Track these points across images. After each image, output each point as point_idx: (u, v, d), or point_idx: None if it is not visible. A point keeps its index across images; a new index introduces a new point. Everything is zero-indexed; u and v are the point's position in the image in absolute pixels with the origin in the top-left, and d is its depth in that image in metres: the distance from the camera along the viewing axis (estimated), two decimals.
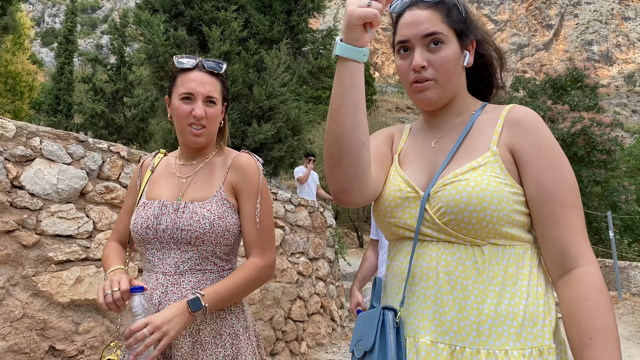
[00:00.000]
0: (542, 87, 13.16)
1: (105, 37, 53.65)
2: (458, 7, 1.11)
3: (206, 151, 1.62)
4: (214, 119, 1.54)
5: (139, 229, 1.49)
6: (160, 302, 1.43)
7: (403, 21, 1.11)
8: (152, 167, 1.67)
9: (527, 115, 1.04)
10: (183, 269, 1.45)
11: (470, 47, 1.14)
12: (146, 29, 6.82)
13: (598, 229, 12.35)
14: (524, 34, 49.76)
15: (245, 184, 1.54)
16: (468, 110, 1.17)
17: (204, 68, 1.53)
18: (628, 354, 5.31)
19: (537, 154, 1.00)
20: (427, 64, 1.07)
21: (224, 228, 1.48)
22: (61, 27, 19.00)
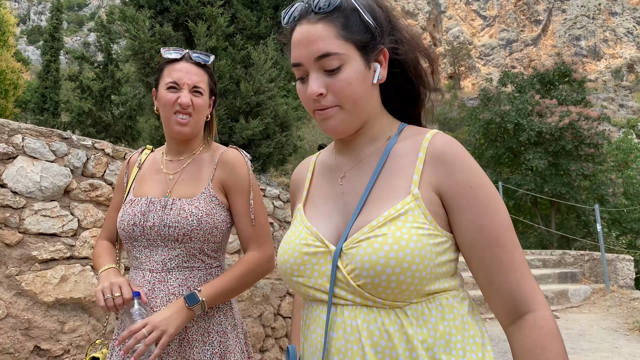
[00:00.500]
0: (530, 82, 13.24)
1: (92, 34, 53.20)
2: (360, 12, 0.90)
3: (193, 146, 1.60)
4: (201, 109, 1.52)
5: (125, 226, 1.47)
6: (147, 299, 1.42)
7: (294, 39, 0.92)
8: (139, 164, 1.65)
9: (451, 148, 0.89)
10: (170, 266, 1.44)
11: (381, 57, 0.93)
12: (131, 25, 6.76)
13: (586, 223, 12.47)
14: (513, 30, 50.02)
15: (234, 180, 1.53)
16: (384, 134, 0.98)
17: (190, 59, 1.52)
18: (615, 346, 5.36)
19: (470, 194, 0.87)
20: (326, 90, 0.89)
21: (212, 225, 1.46)
22: (47, 25, 18.79)
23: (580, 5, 48.76)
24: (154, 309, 1.42)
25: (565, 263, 8.90)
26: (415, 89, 1.00)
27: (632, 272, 8.43)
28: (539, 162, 11.30)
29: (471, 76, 48.71)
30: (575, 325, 6.41)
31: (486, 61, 49.81)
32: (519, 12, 50.15)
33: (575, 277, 8.39)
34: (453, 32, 50.24)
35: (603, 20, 48.30)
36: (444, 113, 25.93)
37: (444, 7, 51.53)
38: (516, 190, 11.82)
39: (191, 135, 1.55)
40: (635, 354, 5.03)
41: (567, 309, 7.33)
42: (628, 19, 47.97)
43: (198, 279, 1.46)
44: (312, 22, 0.89)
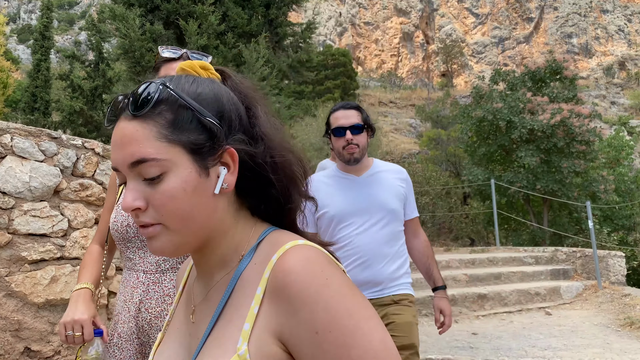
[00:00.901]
0: (521, 80, 13.27)
1: (83, 33, 52.84)
2: (191, 106, 0.69)
3: None
4: None
5: (119, 227, 1.46)
6: (142, 301, 1.42)
7: (112, 139, 0.71)
8: None
9: (297, 277, 0.63)
10: (164, 267, 1.43)
11: (227, 160, 0.71)
12: (121, 24, 6.72)
13: (578, 219, 12.53)
14: (505, 27, 50.19)
15: None
16: (237, 253, 0.74)
17: (188, 59, 1.49)
18: (607, 342, 5.39)
19: (314, 342, 0.62)
20: (145, 203, 0.68)
21: None
22: (37, 24, 18.64)
23: (571, 3, 49.00)
24: (149, 310, 1.41)
25: (558, 260, 8.95)
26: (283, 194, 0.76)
27: (624, 268, 8.49)
28: (531, 159, 11.35)
29: (464, 74, 48.84)
30: (567, 321, 6.45)
31: (479, 59, 49.96)
32: (511, 10, 50.33)
33: (567, 274, 8.44)
34: (445, 30, 50.34)
35: (594, 18, 48.57)
36: (437, 111, 25.97)
37: (437, 5, 51.61)
38: (508, 188, 11.86)
39: None
40: (627, 349, 5.07)
41: (559, 305, 7.38)
42: (619, 17, 48.27)
43: None
44: (128, 118, 0.68)
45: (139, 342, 1.42)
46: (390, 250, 2.23)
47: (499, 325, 6.35)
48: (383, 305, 2.20)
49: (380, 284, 2.19)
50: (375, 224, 2.22)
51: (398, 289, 2.23)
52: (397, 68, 49.96)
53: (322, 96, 26.19)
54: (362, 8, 51.75)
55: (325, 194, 2.28)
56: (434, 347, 5.21)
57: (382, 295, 2.20)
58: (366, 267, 2.17)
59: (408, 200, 2.36)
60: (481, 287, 7.52)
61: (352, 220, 2.22)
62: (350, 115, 2.26)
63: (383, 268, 2.19)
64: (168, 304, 1.42)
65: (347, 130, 2.23)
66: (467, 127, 13.15)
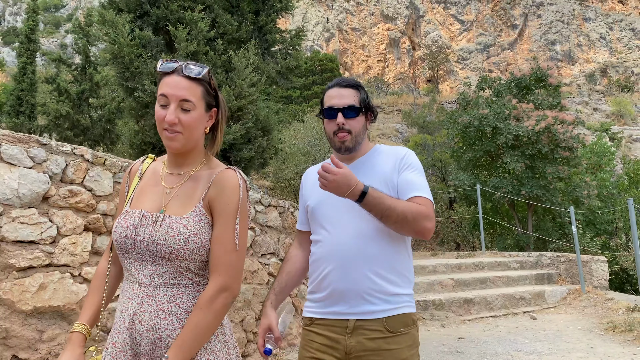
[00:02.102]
0: (507, 87, 13.44)
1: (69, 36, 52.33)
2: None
3: (192, 160, 1.59)
4: (189, 126, 1.50)
5: (118, 237, 1.49)
6: (135, 313, 1.43)
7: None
8: (140, 174, 1.65)
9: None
10: (158, 282, 1.45)
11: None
12: (111, 29, 6.69)
13: (562, 224, 12.69)
14: (490, 34, 50.74)
15: (220, 201, 1.50)
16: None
17: (182, 72, 1.51)
18: (590, 345, 5.48)
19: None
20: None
21: (199, 245, 1.46)
22: (22, 26, 18.44)
23: (555, 10, 49.71)
24: (142, 322, 1.42)
25: (542, 264, 9.07)
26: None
27: (606, 272, 8.63)
28: (516, 165, 11.48)
29: (449, 80, 49.25)
30: (551, 325, 6.54)
31: (464, 65, 50.43)
32: (496, 17, 50.90)
33: (551, 278, 8.55)
34: (431, 37, 50.74)
35: (577, 26, 49.31)
36: (423, 116, 26.15)
37: (423, 12, 52.03)
38: (493, 193, 11.98)
39: (183, 150, 1.54)
40: (610, 353, 5.15)
41: (544, 309, 7.47)
42: (601, 25, 49.08)
43: (187, 296, 1.47)
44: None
45: (132, 352, 1.42)
46: (378, 251, 1.80)
47: (485, 330, 6.41)
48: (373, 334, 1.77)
49: (366, 297, 1.79)
50: (358, 217, 1.81)
51: (392, 309, 1.80)
52: (384, 74, 50.23)
53: (310, 101, 26.25)
54: (349, 14, 52.00)
55: (311, 184, 1.99)
56: (420, 352, 5.24)
57: (371, 318, 1.78)
58: (346, 270, 1.79)
59: (400, 180, 1.86)
60: (467, 291, 7.59)
61: (332, 213, 1.87)
62: (345, 95, 1.90)
63: (368, 273, 1.78)
64: (162, 318, 1.41)
65: (339, 113, 1.88)
66: (453, 133, 13.27)
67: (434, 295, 7.23)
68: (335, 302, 1.84)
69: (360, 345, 1.78)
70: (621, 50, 47.96)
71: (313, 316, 1.93)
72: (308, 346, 1.90)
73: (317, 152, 15.22)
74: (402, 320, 1.81)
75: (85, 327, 1.54)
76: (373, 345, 1.76)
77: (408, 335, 1.82)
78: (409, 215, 1.72)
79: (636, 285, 10.98)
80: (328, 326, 1.86)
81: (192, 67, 1.52)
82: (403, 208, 1.73)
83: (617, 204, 13.74)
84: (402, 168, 1.89)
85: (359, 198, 1.71)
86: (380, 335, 1.77)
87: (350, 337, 1.79)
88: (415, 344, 1.86)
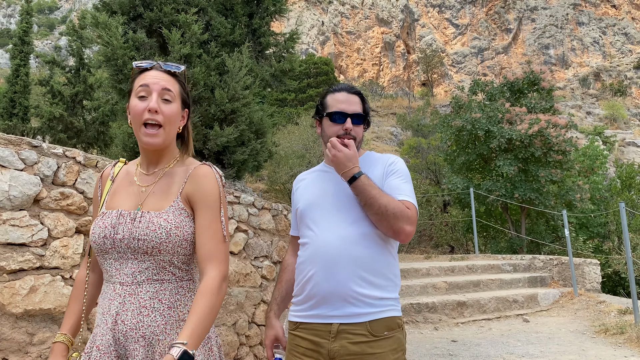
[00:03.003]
0: (500, 90, 13.50)
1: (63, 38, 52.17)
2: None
3: (166, 159, 1.60)
4: (171, 118, 1.53)
5: (96, 238, 1.49)
6: (118, 313, 1.42)
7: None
8: (112, 177, 1.66)
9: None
10: (140, 279, 1.45)
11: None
12: (104, 31, 6.68)
13: (555, 227, 12.76)
14: (484, 38, 50.98)
15: (201, 193, 1.52)
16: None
17: (161, 68, 1.55)
18: (582, 348, 5.50)
19: None
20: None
21: (182, 237, 1.48)
22: (16, 28, 18.37)
23: (549, 15, 50.02)
24: (125, 322, 1.42)
25: (535, 267, 9.11)
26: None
27: (599, 275, 8.67)
28: (509, 168, 11.53)
29: (444, 83, 49.45)
30: (544, 328, 6.56)
31: (458, 69, 50.64)
32: (490, 21, 51.18)
33: (544, 281, 8.59)
34: (426, 40, 50.95)
35: (571, 30, 49.64)
36: (417, 120, 26.23)
37: (417, 15, 52.24)
38: (487, 196, 12.02)
39: (162, 146, 1.55)
40: (602, 356, 5.17)
41: (536, 312, 7.50)
42: (594, 29, 49.43)
43: (169, 292, 1.47)
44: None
45: (116, 354, 1.42)
46: (363, 254, 1.80)
47: (477, 332, 6.43)
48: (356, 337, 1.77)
49: (350, 300, 1.78)
50: (344, 221, 1.83)
51: (376, 312, 1.80)
52: (379, 77, 50.35)
53: (305, 104, 26.27)
54: (345, 17, 52.13)
55: (303, 188, 2.04)
56: (413, 355, 5.26)
57: (354, 321, 1.78)
58: (330, 273, 1.79)
59: (387, 184, 1.89)
60: (460, 294, 7.61)
61: (319, 216, 1.89)
62: (354, 102, 1.95)
63: (352, 275, 1.78)
64: (144, 315, 1.42)
65: (349, 118, 1.90)
66: (446, 136, 13.31)
67: (427, 298, 7.24)
68: (318, 304, 1.83)
69: (344, 349, 1.77)
70: (614, 54, 48.31)
71: (298, 320, 1.91)
72: (294, 351, 1.89)
73: (312, 155, 15.24)
74: (386, 324, 1.80)
75: (67, 337, 1.55)
76: (357, 349, 1.76)
77: (392, 339, 1.81)
78: (389, 210, 1.75)
79: (628, 288, 11.04)
80: (312, 330, 1.85)
81: (170, 63, 1.57)
82: (387, 202, 1.77)
83: (609, 207, 13.82)
84: (389, 173, 1.92)
85: (350, 179, 1.80)
86: (364, 339, 1.77)
87: (333, 341, 1.79)
88: (401, 347, 1.84)
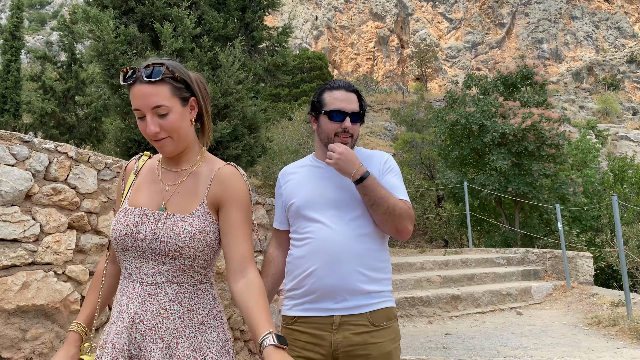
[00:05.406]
0: (494, 84, 13.51)
1: (54, 33, 51.75)
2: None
3: (188, 156, 1.57)
4: (173, 128, 1.46)
5: (117, 235, 1.47)
6: (137, 312, 1.41)
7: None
8: (136, 171, 1.63)
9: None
10: (160, 280, 1.43)
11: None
12: (95, 26, 6.63)
13: (548, 221, 12.82)
14: (478, 32, 51.01)
15: (230, 193, 1.50)
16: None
17: (144, 80, 1.44)
18: (575, 340, 5.54)
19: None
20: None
21: (204, 243, 1.46)
22: (7, 23, 18.20)
23: (542, 9, 50.10)
24: (144, 322, 1.41)
25: (529, 261, 9.15)
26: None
27: (592, 268, 8.73)
28: (503, 162, 11.56)
29: (438, 78, 49.48)
30: (537, 321, 6.60)
31: (452, 63, 50.68)
32: (484, 15, 51.20)
33: (538, 275, 8.64)
34: (420, 35, 50.92)
35: (564, 24, 49.75)
36: (412, 114, 26.24)
37: (411, 10, 52.17)
38: (481, 190, 12.06)
39: (179, 151, 1.53)
40: (594, 347, 5.21)
41: (530, 305, 7.54)
42: (587, 23, 49.57)
43: (189, 294, 1.46)
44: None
45: (128, 354, 1.41)
46: (364, 248, 1.87)
47: (472, 326, 6.46)
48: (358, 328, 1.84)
49: (352, 293, 1.84)
50: (344, 217, 1.89)
51: (375, 303, 1.88)
52: (373, 72, 50.32)
53: (298, 99, 26.22)
54: (338, 12, 52.00)
55: (295, 183, 2.03)
56: (408, 348, 5.28)
57: (356, 313, 1.85)
58: (332, 268, 1.84)
59: (382, 182, 1.94)
60: (454, 288, 7.64)
61: (319, 212, 1.92)
62: (352, 100, 1.98)
63: (354, 270, 1.84)
64: (164, 317, 1.41)
65: (347, 117, 1.94)
66: (440, 131, 13.33)
67: (422, 292, 7.27)
68: (321, 298, 1.86)
69: (346, 340, 1.82)
70: (607, 48, 48.49)
71: (296, 314, 1.93)
72: (293, 345, 1.90)
73: (306, 150, 15.22)
74: (385, 314, 1.89)
75: (82, 327, 1.54)
76: (359, 340, 1.82)
77: (391, 328, 1.89)
78: (397, 210, 1.84)
79: (621, 280, 11.13)
80: (312, 323, 1.88)
81: (149, 70, 1.45)
82: (395, 202, 1.86)
83: (602, 201, 13.91)
84: (385, 171, 2.00)
85: (359, 179, 1.84)
86: (366, 329, 1.83)
87: (336, 332, 1.83)
88: (397, 337, 1.93)
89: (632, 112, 34.82)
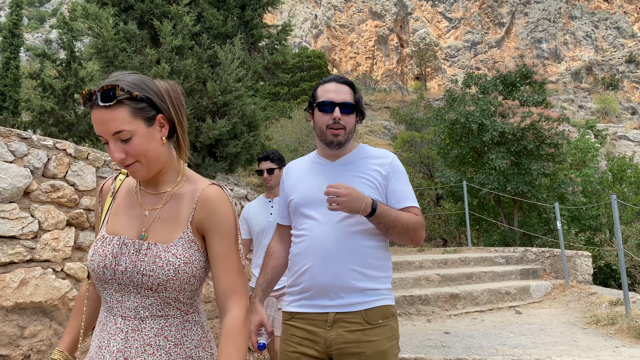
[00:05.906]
0: (493, 83, 13.50)
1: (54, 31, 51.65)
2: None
3: (166, 177, 1.45)
4: (139, 152, 1.33)
5: (95, 267, 1.36)
6: (120, 350, 1.32)
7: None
8: (113, 193, 1.51)
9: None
10: (144, 314, 1.33)
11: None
12: (94, 23, 6.61)
13: (547, 220, 12.82)
14: (477, 32, 51.00)
15: (215, 221, 1.39)
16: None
17: (98, 104, 1.29)
18: (574, 339, 5.54)
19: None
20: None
21: (190, 274, 1.35)
22: (6, 21, 18.16)
23: (541, 9, 50.10)
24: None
25: (527, 260, 9.16)
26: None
27: (590, 267, 8.73)
28: (502, 161, 11.56)
29: (437, 77, 49.48)
30: (536, 320, 6.60)
31: (452, 62, 50.67)
32: (483, 15, 51.18)
33: (536, 273, 8.64)
34: (419, 34, 50.90)
35: (563, 24, 49.75)
36: (411, 113, 26.23)
37: (411, 9, 52.15)
38: (480, 189, 12.05)
39: (153, 174, 1.41)
40: (593, 346, 5.21)
41: (528, 304, 7.55)
42: (587, 23, 49.58)
43: (175, 328, 1.37)
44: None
45: None
46: (359, 246, 1.86)
47: (470, 324, 6.46)
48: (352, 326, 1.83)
49: (346, 291, 1.84)
50: (339, 215, 1.87)
51: (371, 301, 1.86)
52: (372, 71, 50.30)
53: (298, 98, 26.19)
54: (338, 11, 51.97)
55: (295, 179, 2.03)
56: (406, 347, 5.28)
57: (350, 310, 1.84)
58: (327, 265, 1.83)
59: (391, 188, 1.94)
60: (453, 286, 7.64)
61: (315, 209, 1.91)
62: (342, 91, 1.94)
63: (349, 268, 1.84)
64: (149, 354, 1.31)
65: (337, 107, 1.91)
66: (440, 130, 13.32)
67: (420, 291, 7.27)
68: (316, 295, 1.88)
69: (340, 337, 1.82)
70: (606, 48, 48.51)
71: (293, 310, 1.95)
72: (289, 340, 1.92)
73: (305, 149, 15.22)
74: (381, 313, 1.87)
75: (64, 355, 1.47)
76: (353, 337, 1.82)
77: (387, 327, 1.87)
78: (410, 226, 1.87)
79: (619, 279, 11.13)
80: (308, 320, 1.89)
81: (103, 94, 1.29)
82: (407, 220, 1.87)
83: (601, 200, 13.91)
84: (392, 174, 1.97)
85: (370, 211, 1.80)
86: (360, 327, 1.83)
87: (330, 329, 1.84)
88: (395, 335, 1.91)
89: (631, 112, 34.84)
